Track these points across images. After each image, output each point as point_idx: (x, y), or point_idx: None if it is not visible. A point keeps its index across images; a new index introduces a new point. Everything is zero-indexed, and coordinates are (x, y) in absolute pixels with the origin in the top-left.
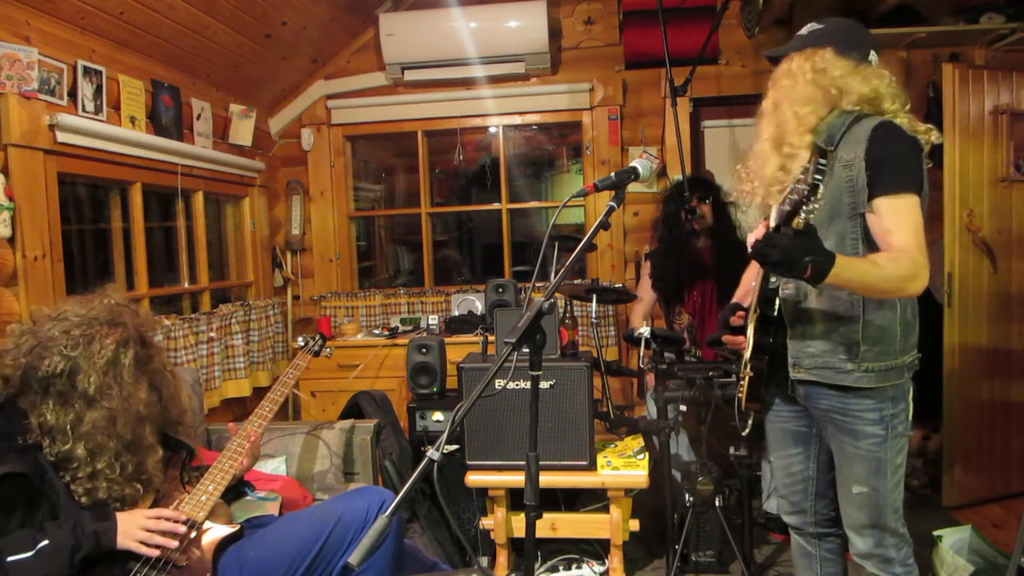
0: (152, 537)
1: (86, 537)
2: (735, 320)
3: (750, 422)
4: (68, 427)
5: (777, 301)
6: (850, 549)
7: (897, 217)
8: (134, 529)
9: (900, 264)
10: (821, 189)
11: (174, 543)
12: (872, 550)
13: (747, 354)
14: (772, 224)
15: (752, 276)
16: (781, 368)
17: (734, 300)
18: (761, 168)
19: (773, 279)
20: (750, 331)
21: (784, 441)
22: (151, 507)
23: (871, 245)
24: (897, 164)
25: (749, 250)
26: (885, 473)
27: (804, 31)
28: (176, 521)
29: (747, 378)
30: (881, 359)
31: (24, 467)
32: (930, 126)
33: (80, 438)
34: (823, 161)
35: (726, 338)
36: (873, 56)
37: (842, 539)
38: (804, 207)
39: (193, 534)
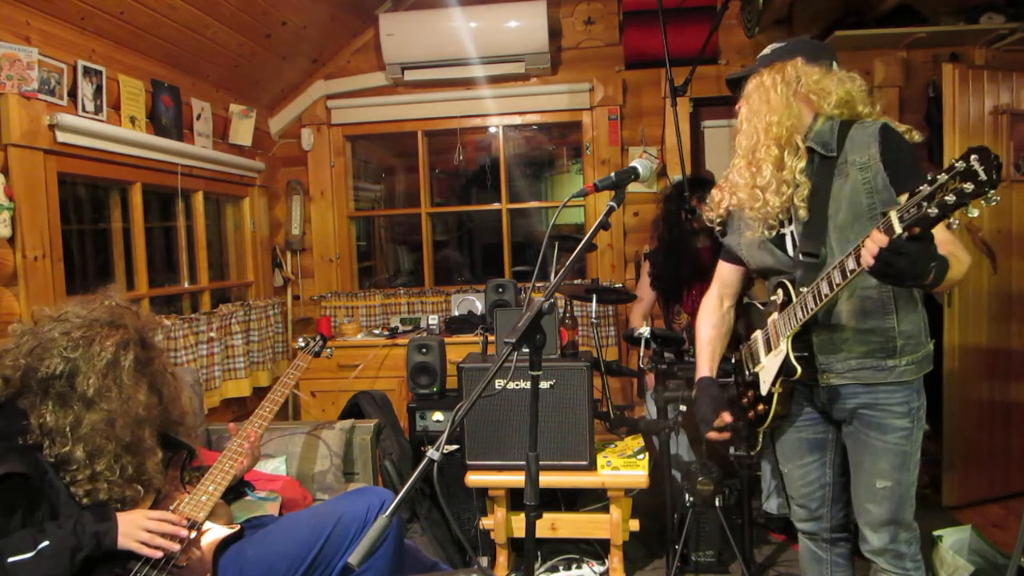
0: (154, 538)
1: (87, 538)
2: (719, 423)
3: (761, 439)
4: (67, 429)
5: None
6: (862, 546)
7: None
8: (136, 530)
9: (964, 252)
10: (995, 191)
11: (176, 546)
12: (887, 545)
13: (774, 376)
14: (899, 229)
15: (711, 333)
16: (797, 385)
17: (706, 374)
18: (744, 180)
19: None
20: (785, 347)
21: (800, 450)
22: (152, 508)
23: None
24: (911, 163)
25: (870, 261)
26: (909, 466)
27: (767, 50)
28: (178, 524)
29: (776, 396)
30: (917, 350)
31: (24, 467)
32: (909, 126)
33: (79, 440)
34: (996, 156)
35: (713, 436)
36: (835, 67)
37: (852, 544)
38: (966, 208)
39: (193, 534)
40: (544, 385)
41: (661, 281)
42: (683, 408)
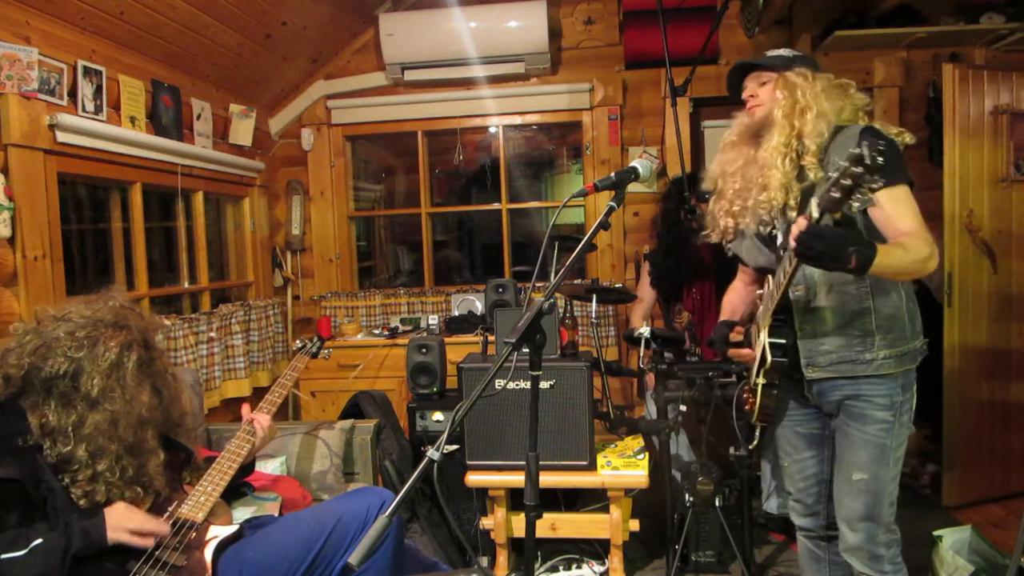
0: (143, 525)
1: (75, 534)
2: (735, 336)
3: (758, 434)
4: (70, 428)
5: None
6: (839, 545)
7: (898, 205)
8: (123, 521)
9: (921, 245)
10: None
11: (165, 528)
12: (862, 544)
13: (756, 366)
14: (815, 215)
15: (735, 299)
16: (793, 371)
17: (723, 318)
18: (768, 178)
19: (797, 291)
20: (763, 337)
21: (797, 445)
22: (151, 509)
23: (873, 237)
24: (888, 161)
25: (792, 243)
26: (888, 461)
27: (787, 53)
28: (162, 523)
29: (760, 388)
30: (896, 345)
31: (18, 472)
32: (901, 129)
33: (81, 440)
34: (882, 143)
35: (733, 352)
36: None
37: None
38: (860, 191)
39: (192, 535)
40: (544, 385)
41: (661, 280)
42: (683, 408)
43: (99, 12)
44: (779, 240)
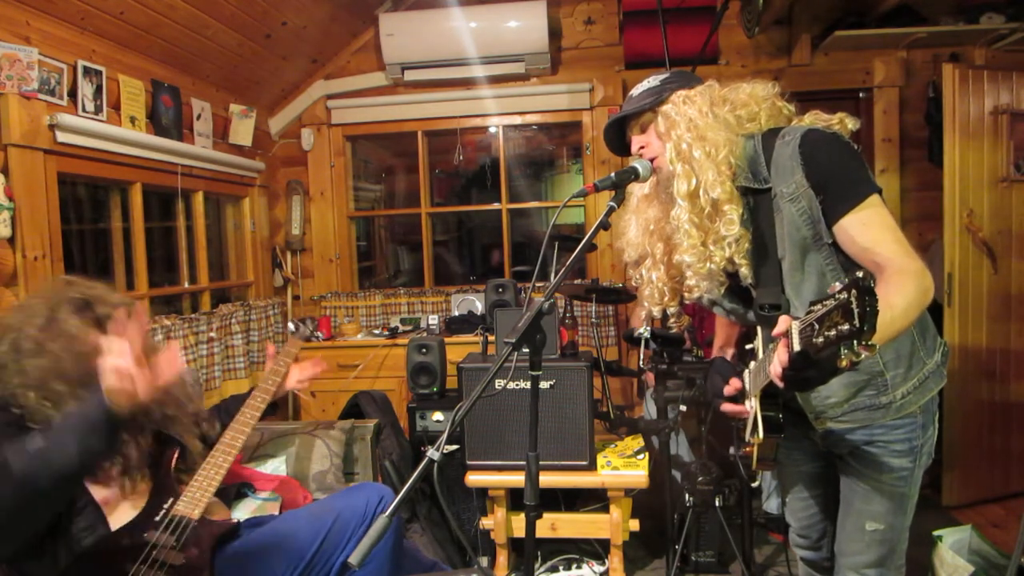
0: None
1: (88, 409)
2: (729, 390)
3: (760, 474)
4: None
5: None
6: None
7: (870, 232)
8: (107, 364)
9: (908, 288)
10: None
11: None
12: None
13: (749, 427)
14: (796, 346)
15: (723, 320)
16: (793, 417)
17: (716, 350)
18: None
19: None
20: (755, 405)
21: (801, 484)
22: (147, 504)
23: (852, 268)
24: (844, 176)
25: (780, 384)
26: (905, 509)
27: (654, 82)
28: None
29: (757, 445)
30: (912, 375)
31: None
32: (842, 115)
33: (29, 388)
34: (874, 300)
35: (728, 408)
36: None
37: None
38: (846, 343)
39: (189, 532)
40: (544, 385)
41: None
42: (683, 408)
43: (99, 12)
44: (753, 293)
